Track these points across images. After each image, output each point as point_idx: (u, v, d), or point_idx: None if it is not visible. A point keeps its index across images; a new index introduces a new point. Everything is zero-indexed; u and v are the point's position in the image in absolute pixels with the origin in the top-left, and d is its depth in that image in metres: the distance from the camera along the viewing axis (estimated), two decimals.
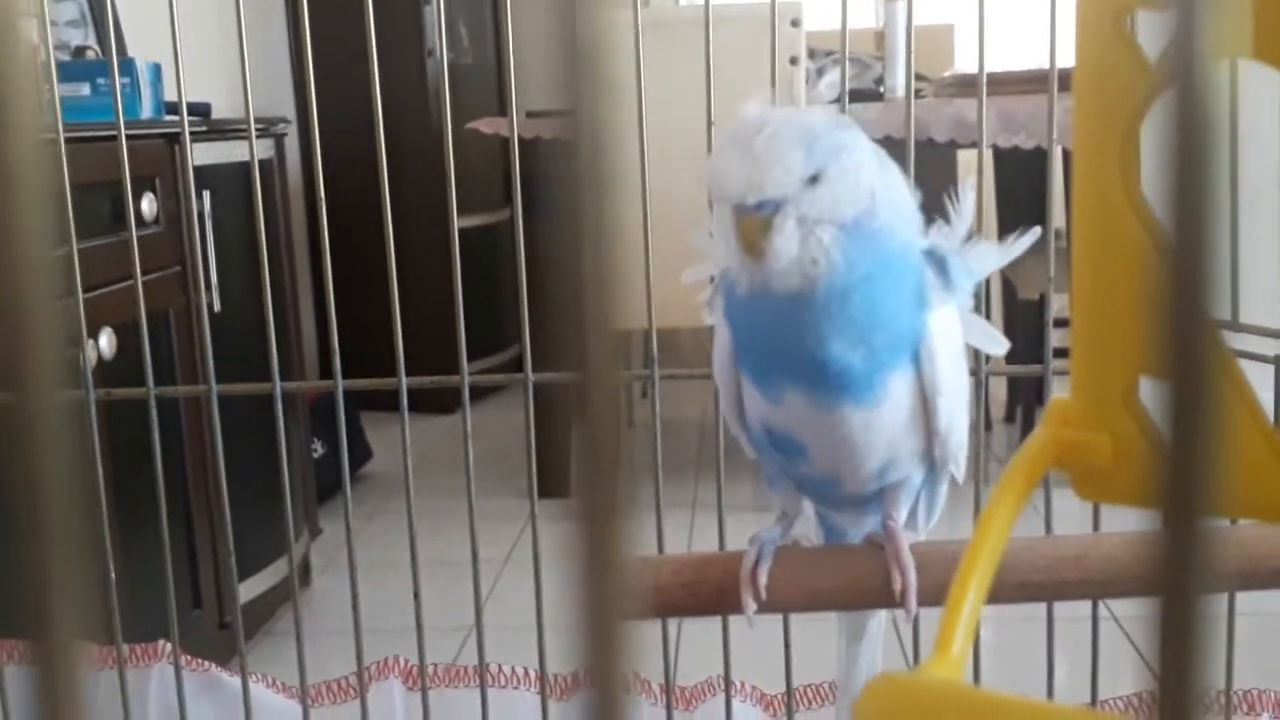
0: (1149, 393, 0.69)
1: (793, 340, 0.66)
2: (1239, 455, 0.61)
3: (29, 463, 0.21)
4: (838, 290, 0.65)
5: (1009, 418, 3.13)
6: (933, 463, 0.74)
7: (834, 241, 0.64)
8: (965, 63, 3.27)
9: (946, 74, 2.76)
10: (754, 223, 0.64)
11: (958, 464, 0.76)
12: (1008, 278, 2.89)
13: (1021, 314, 2.83)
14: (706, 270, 0.75)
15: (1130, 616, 1.76)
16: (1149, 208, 0.56)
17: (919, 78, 2.78)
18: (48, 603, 0.22)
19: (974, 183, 0.74)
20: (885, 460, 0.71)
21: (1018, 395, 3.10)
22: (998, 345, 0.77)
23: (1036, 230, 0.73)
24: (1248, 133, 0.84)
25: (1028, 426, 2.84)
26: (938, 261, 0.69)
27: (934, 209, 0.73)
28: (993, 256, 0.73)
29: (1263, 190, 0.86)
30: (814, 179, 0.64)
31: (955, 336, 0.70)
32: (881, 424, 0.69)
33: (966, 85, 2.48)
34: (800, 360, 0.67)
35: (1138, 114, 0.56)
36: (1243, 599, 1.01)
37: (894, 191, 0.67)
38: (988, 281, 3.12)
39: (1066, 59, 0.63)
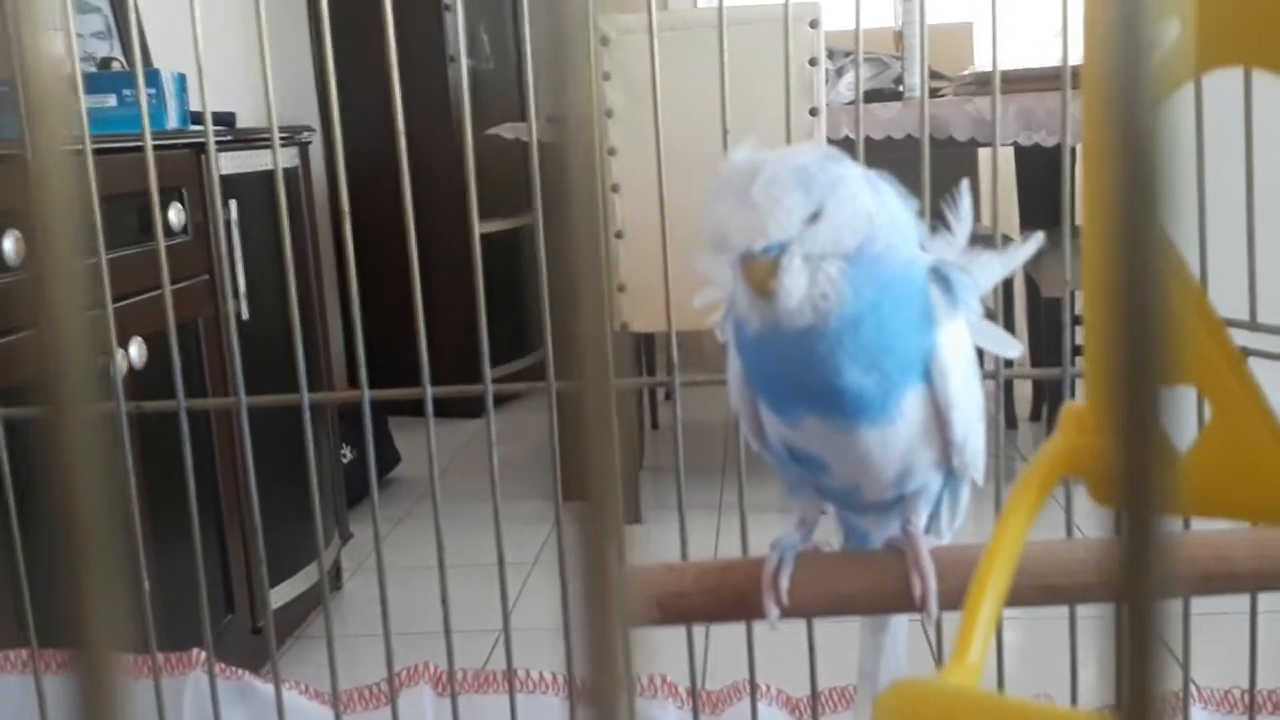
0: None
1: (806, 371, 0.68)
2: (1250, 458, 0.61)
3: (65, 475, 0.22)
4: (848, 320, 0.66)
5: (1034, 416, 3.13)
6: (951, 470, 0.75)
7: (841, 273, 0.65)
8: (984, 61, 3.27)
9: (966, 72, 2.76)
10: (761, 266, 0.65)
11: (976, 470, 0.77)
12: (1031, 277, 2.88)
13: (1045, 313, 2.83)
14: (718, 291, 0.76)
15: None
16: None
17: (940, 76, 2.77)
18: (85, 613, 0.22)
19: (969, 183, 0.74)
20: (903, 471, 0.72)
21: (1044, 394, 3.09)
22: (1011, 350, 0.78)
23: (1041, 236, 0.74)
24: (1262, 139, 0.84)
25: (1054, 425, 2.84)
26: (943, 279, 0.69)
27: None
28: (996, 267, 0.74)
29: (1278, 193, 0.87)
30: (814, 216, 0.65)
31: (965, 350, 0.71)
32: (898, 440, 0.70)
33: (986, 83, 2.48)
34: (814, 388, 0.68)
35: None
36: (1264, 600, 1.02)
37: (891, 212, 0.68)
38: (1010, 281, 3.12)
39: (1080, 56, 0.63)
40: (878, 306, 0.66)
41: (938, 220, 0.74)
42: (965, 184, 0.74)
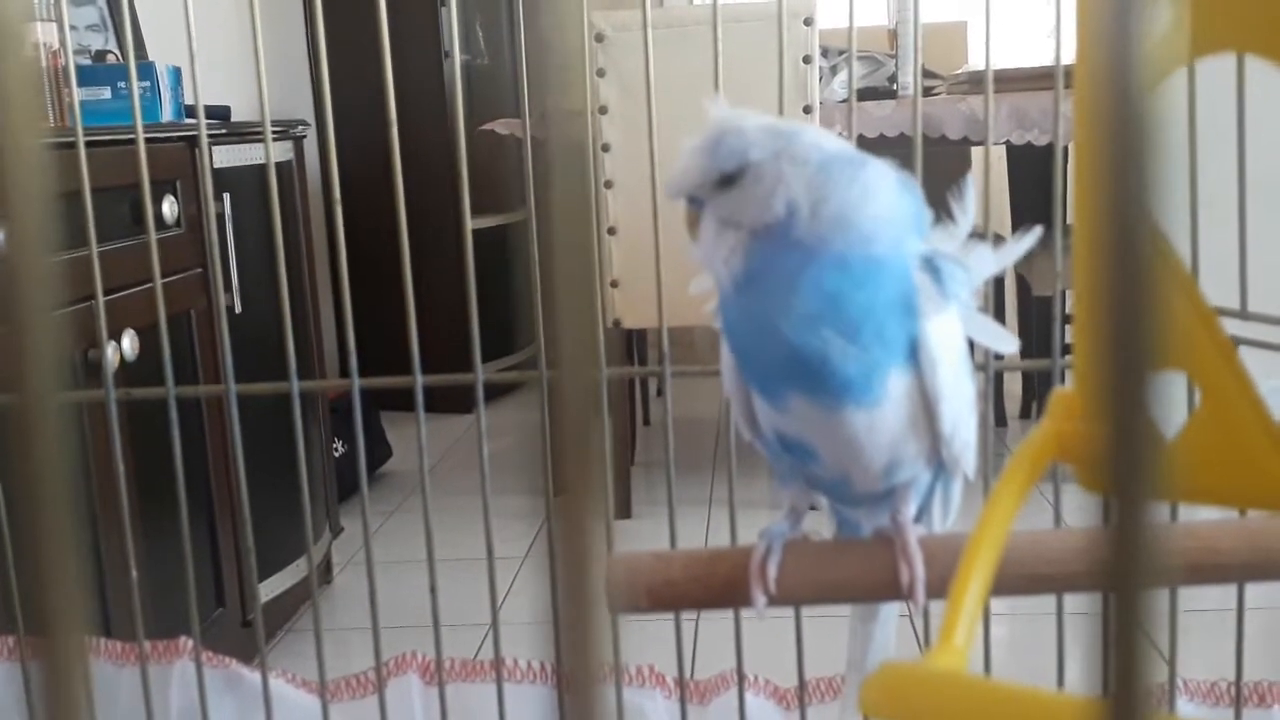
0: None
1: (763, 340, 0.69)
2: (1240, 446, 0.62)
3: (29, 463, 0.22)
4: (769, 290, 0.68)
5: (1024, 414, 3.13)
6: (941, 463, 0.75)
7: (739, 243, 0.68)
8: (978, 60, 3.27)
9: (960, 71, 2.76)
10: (690, 214, 0.71)
11: (967, 464, 0.76)
12: (1022, 275, 2.89)
13: (1036, 310, 2.83)
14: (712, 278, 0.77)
15: None
16: None
17: (933, 75, 2.78)
18: (47, 600, 0.22)
19: (974, 178, 0.74)
20: (892, 460, 0.72)
21: (1033, 391, 3.10)
22: (1007, 344, 0.78)
23: (1037, 230, 0.74)
24: (1255, 127, 0.85)
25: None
26: (934, 269, 0.70)
27: (947, 206, 0.74)
28: (991, 260, 0.74)
29: (1270, 182, 0.87)
30: (726, 181, 0.68)
31: (955, 341, 0.71)
32: (885, 425, 0.70)
33: (979, 82, 2.48)
34: (783, 361, 0.68)
35: None
36: (1252, 591, 1.02)
37: (847, 202, 0.67)
38: (1001, 278, 3.12)
39: (1073, 55, 0.64)
40: (820, 281, 0.67)
41: (932, 215, 0.74)
42: (970, 177, 0.74)
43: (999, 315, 3.03)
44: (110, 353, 1.49)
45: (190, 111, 2.00)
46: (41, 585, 0.22)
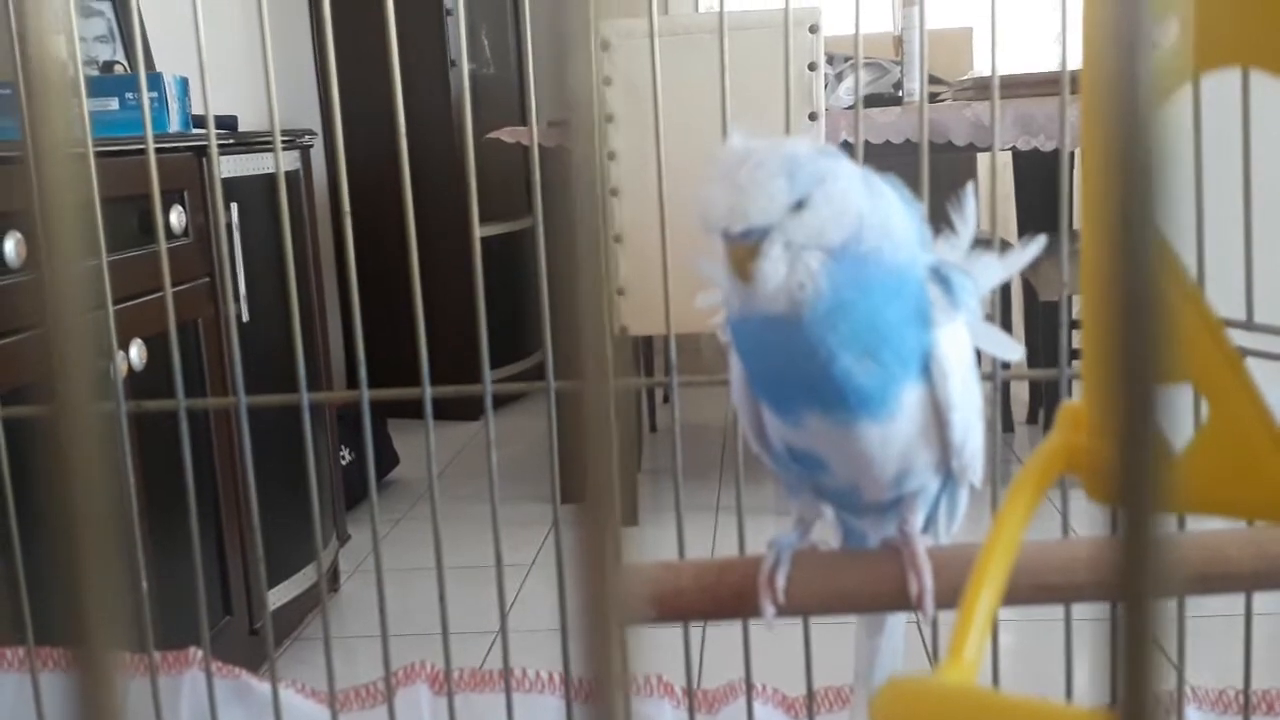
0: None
1: (800, 361, 0.68)
2: (1247, 456, 0.62)
3: (65, 474, 0.22)
4: (827, 310, 0.66)
5: (1031, 419, 3.13)
6: (950, 472, 0.75)
7: (821, 265, 0.66)
8: (983, 66, 3.27)
9: (965, 77, 2.76)
10: (742, 249, 0.66)
11: (975, 473, 0.77)
12: (1028, 280, 2.89)
13: (1042, 316, 2.83)
14: (720, 292, 0.77)
15: None
16: None
17: (938, 81, 2.78)
18: (85, 612, 0.22)
19: (976, 185, 0.74)
20: (902, 471, 0.72)
21: (1040, 397, 3.09)
22: (1012, 352, 0.78)
23: (1042, 239, 0.74)
24: (1260, 136, 0.85)
25: (1050, 428, 2.85)
26: (943, 280, 0.70)
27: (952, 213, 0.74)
28: (997, 269, 0.74)
29: (1276, 193, 0.87)
30: (799, 205, 0.66)
31: (965, 351, 0.71)
32: (898, 438, 0.70)
33: (985, 88, 2.48)
34: (810, 381, 0.68)
35: None
36: (1259, 599, 1.02)
37: (884, 215, 0.68)
38: (1008, 285, 3.12)
39: (1079, 61, 0.64)
40: (861, 301, 0.67)
41: (937, 223, 0.74)
42: (970, 187, 0.74)
43: (1006, 321, 3.03)
44: (118, 363, 1.49)
45: (198, 122, 2.00)
46: (79, 599, 0.22)
